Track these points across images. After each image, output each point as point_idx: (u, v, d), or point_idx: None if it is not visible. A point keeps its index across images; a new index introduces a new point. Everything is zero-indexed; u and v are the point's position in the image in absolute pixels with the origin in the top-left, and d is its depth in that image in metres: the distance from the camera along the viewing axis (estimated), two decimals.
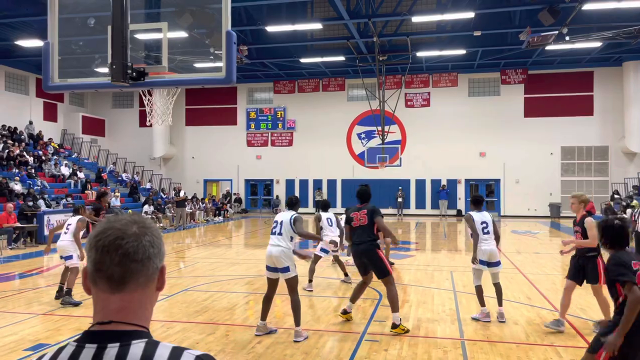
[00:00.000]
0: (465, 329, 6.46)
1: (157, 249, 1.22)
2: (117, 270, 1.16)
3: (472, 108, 27.72)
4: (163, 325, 6.58)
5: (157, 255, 1.22)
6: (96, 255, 1.17)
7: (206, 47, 6.22)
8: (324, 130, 29.31)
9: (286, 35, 22.00)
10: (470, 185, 28.16)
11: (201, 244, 16.57)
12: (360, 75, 24.88)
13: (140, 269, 1.18)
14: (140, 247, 1.18)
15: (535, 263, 12.02)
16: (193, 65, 4.72)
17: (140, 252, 1.18)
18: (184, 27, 6.15)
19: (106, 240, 1.17)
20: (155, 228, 1.25)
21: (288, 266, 5.99)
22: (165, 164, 31.32)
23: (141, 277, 1.18)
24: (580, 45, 20.90)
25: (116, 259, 1.16)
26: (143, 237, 1.19)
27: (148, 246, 1.19)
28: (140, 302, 1.19)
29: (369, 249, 6.29)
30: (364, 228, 6.33)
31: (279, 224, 6.15)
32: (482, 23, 20.13)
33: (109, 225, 1.20)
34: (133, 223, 1.21)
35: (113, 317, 1.15)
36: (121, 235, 1.17)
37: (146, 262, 1.19)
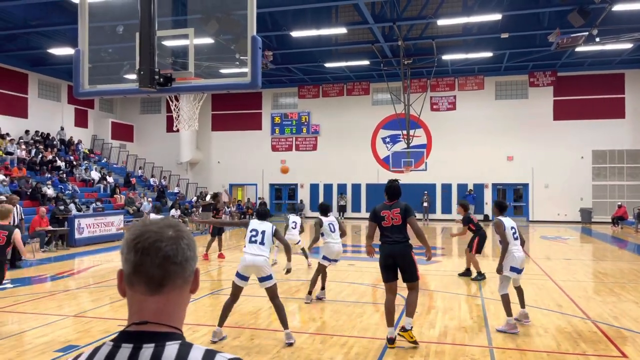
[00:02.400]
0: (494, 337, 6.32)
1: (193, 252, 1.24)
2: (157, 272, 1.17)
3: (499, 111, 27.31)
4: (189, 329, 6.64)
5: (194, 258, 1.24)
6: (135, 257, 1.18)
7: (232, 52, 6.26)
8: (349, 135, 29.28)
9: (311, 40, 22.08)
10: (497, 190, 27.71)
11: (226, 247, 16.69)
12: (385, 79, 24.79)
13: (178, 272, 1.20)
14: (179, 250, 1.20)
15: (566, 269, 11.71)
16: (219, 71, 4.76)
17: (179, 255, 1.20)
18: (210, 34, 6.22)
19: (146, 243, 1.18)
20: (189, 232, 1.26)
21: (270, 274, 6.09)
22: (192, 169, 31.74)
23: (179, 280, 1.20)
24: (611, 46, 20.40)
25: (156, 261, 1.17)
26: (181, 240, 1.21)
27: (186, 249, 1.21)
28: (175, 304, 1.20)
29: (405, 250, 5.88)
30: (398, 227, 5.91)
31: (260, 233, 6.20)
32: (510, 25, 19.83)
33: (146, 228, 1.21)
34: (169, 227, 1.22)
35: (149, 318, 1.17)
36: (160, 238, 1.19)
37: (184, 265, 1.21)
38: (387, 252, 5.94)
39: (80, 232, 16.14)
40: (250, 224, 6.39)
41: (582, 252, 16.03)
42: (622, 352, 5.64)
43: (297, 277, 10.62)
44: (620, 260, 13.67)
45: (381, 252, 6.01)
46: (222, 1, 8.12)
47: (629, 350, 5.73)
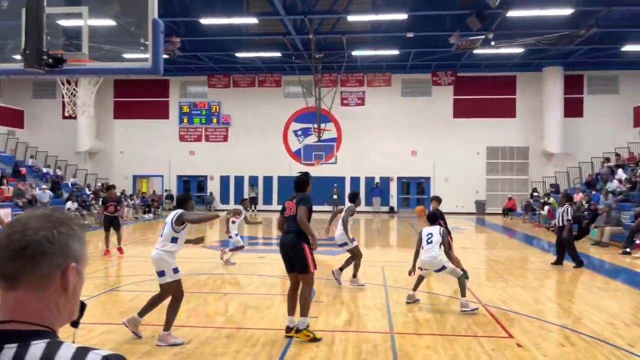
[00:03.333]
0: (395, 322, 6.61)
1: (57, 245, 1.13)
2: (9, 266, 1.10)
3: (405, 108, 28.49)
4: (83, 328, 6.23)
5: (58, 253, 1.13)
6: None
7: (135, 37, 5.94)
8: (260, 127, 29.06)
9: (221, 28, 21.57)
10: (402, 183, 28.95)
11: (129, 242, 15.90)
12: (297, 72, 24.90)
13: (32, 266, 1.10)
14: (32, 242, 1.10)
15: (462, 257, 12.48)
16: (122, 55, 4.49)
17: (31, 247, 1.10)
18: (111, 15, 5.85)
19: (3, 234, 1.12)
20: (69, 223, 1.17)
21: (163, 270, 5.80)
22: (92, 159, 29.84)
23: (34, 275, 1.10)
24: (505, 50, 22.03)
25: (7, 253, 1.10)
26: (41, 231, 1.11)
27: (43, 241, 1.11)
28: (41, 301, 1.11)
29: (294, 240, 5.82)
30: (292, 217, 5.89)
31: (165, 225, 6.02)
32: (415, 25, 20.70)
33: (18, 218, 1.15)
34: (43, 216, 1.15)
35: (12, 316, 1.09)
36: (20, 229, 1.11)
37: (39, 259, 1.11)
38: (280, 242, 6.07)
39: None
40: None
41: (477, 241, 17.24)
42: (509, 333, 6.14)
43: (205, 271, 10.39)
44: (510, 248, 14.89)
45: (280, 240, 6.15)
46: None
47: (515, 331, 6.25)
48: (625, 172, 20.32)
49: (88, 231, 1.34)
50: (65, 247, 1.14)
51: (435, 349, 5.55)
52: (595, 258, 12.98)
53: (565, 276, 10.29)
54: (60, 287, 1.14)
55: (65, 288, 1.15)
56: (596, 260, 12.69)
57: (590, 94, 27.55)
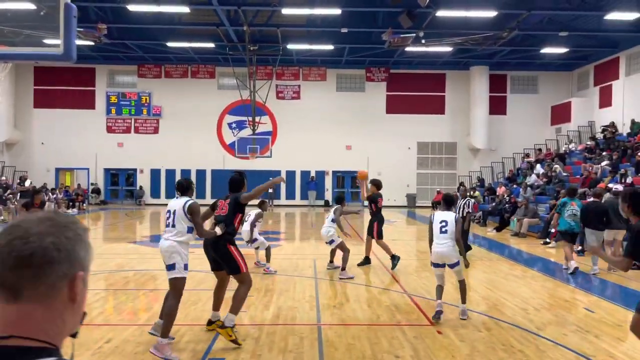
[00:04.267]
0: (323, 314, 6.70)
1: (64, 253, 1.03)
2: (10, 276, 0.99)
3: (340, 103, 28.82)
4: None
5: (65, 261, 1.03)
6: None
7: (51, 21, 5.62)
8: (193, 119, 28.38)
9: (151, 16, 20.82)
10: (337, 177, 29.31)
11: None
12: (231, 63, 24.49)
13: (36, 276, 1.00)
14: (37, 249, 1.00)
15: (391, 249, 12.88)
16: (42, 41, 4.23)
17: (37, 255, 1.00)
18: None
19: (2, 241, 1.01)
20: (74, 228, 1.07)
21: (174, 263, 5.32)
22: (9, 150, 27.91)
23: (40, 286, 1.00)
24: (434, 48, 22.80)
25: (9, 262, 0.99)
26: (47, 237, 1.01)
27: (51, 248, 1.01)
28: (45, 314, 1.02)
29: (219, 242, 5.56)
30: (222, 218, 5.68)
31: (172, 214, 5.47)
32: (349, 21, 20.95)
33: (17, 222, 1.05)
34: (45, 220, 1.05)
35: (12, 330, 0.99)
36: (22, 235, 1.01)
37: (46, 268, 1.01)
38: (204, 242, 5.76)
39: None
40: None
41: (406, 233, 17.80)
42: (430, 321, 6.39)
43: (131, 267, 10.04)
44: None
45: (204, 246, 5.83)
46: None
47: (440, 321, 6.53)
48: (542, 167, 21.69)
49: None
50: (72, 254, 1.05)
51: (360, 338, 5.68)
52: (514, 248, 13.77)
53: (486, 266, 10.84)
54: (68, 298, 1.05)
55: (73, 299, 1.06)
56: (515, 250, 13.47)
57: (513, 92, 29.11)
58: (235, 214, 5.69)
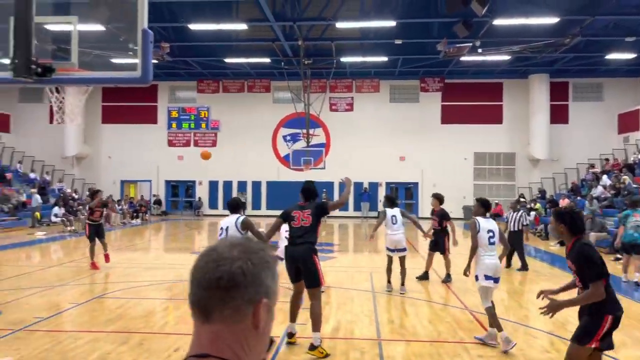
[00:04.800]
0: (382, 329, 6.65)
1: (250, 278, 1.06)
2: (203, 297, 1.06)
3: (393, 114, 28.68)
4: (69, 337, 6.20)
5: (251, 286, 1.06)
6: (190, 276, 1.09)
7: (124, 42, 5.94)
8: (249, 132, 29.06)
9: (210, 34, 21.58)
10: (390, 189, 29.09)
11: (117, 248, 15.79)
12: (286, 77, 24.95)
13: (224, 299, 1.05)
14: (226, 273, 1.05)
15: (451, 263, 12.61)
16: (110, 60, 4.50)
17: (224, 279, 1.05)
18: (99, 20, 5.85)
19: (199, 263, 1.09)
20: (262, 254, 1.10)
21: None
22: (79, 164, 29.59)
23: (226, 309, 1.05)
24: (491, 57, 22.30)
25: (203, 283, 1.06)
26: (235, 262, 1.06)
27: (238, 273, 1.06)
28: (231, 337, 1.05)
29: (307, 253, 5.61)
30: (306, 229, 5.70)
31: (225, 230, 5.75)
32: (403, 32, 20.89)
33: (214, 246, 1.11)
34: (237, 245, 1.10)
35: (208, 350, 1.05)
36: (215, 258, 1.07)
37: (232, 292, 1.05)
38: (289, 253, 5.79)
39: None
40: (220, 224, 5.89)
41: (464, 247, 17.34)
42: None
43: None
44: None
45: (285, 253, 5.88)
46: None
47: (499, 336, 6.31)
48: (609, 179, 20.63)
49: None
50: (258, 280, 1.07)
51: (422, 356, 5.61)
52: None
53: (549, 281, 10.41)
54: (252, 323, 1.07)
55: (256, 325, 1.07)
56: None
57: (576, 100, 27.94)
58: (318, 223, 5.82)
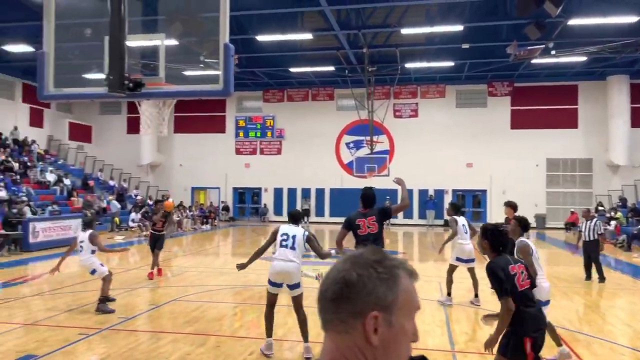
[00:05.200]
0: (456, 340, 6.50)
1: (355, 290, 1.02)
2: (319, 308, 1.08)
3: (460, 119, 28.02)
4: (152, 337, 6.52)
5: (356, 298, 1.02)
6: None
7: (196, 55, 6.19)
8: (313, 139, 29.40)
9: (276, 44, 22.08)
10: (457, 196, 28.39)
11: (189, 252, 16.45)
12: (350, 85, 25.06)
13: (333, 310, 1.04)
14: (330, 285, 1.05)
15: None
16: (185, 73, 4.71)
17: (329, 291, 1.04)
18: (174, 35, 6.15)
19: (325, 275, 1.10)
20: (374, 265, 1.05)
21: (299, 282, 5.84)
22: (153, 171, 31.11)
23: (335, 320, 1.03)
24: (566, 59, 21.30)
25: (318, 295, 1.09)
26: (340, 273, 1.04)
27: (341, 285, 1.03)
28: (347, 348, 1.02)
29: None
30: (374, 236, 5.73)
31: (291, 237, 5.86)
32: (470, 36, 20.41)
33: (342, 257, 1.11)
34: (350, 257, 1.08)
35: (326, 356, 1.06)
36: (331, 270, 1.08)
37: (336, 303, 1.03)
38: None
39: (35, 237, 15.55)
40: (280, 228, 6.01)
41: None
42: (577, 355, 5.90)
43: (262, 282, 10.58)
44: (573, 264, 14.24)
45: None
46: (190, 3, 8.05)
47: (583, 353, 6.00)
48: None
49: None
50: (364, 292, 1.02)
51: None
52: None
53: (633, 295, 9.76)
54: (364, 337, 1.02)
55: (368, 340, 1.01)
56: None
57: None
58: (382, 229, 5.91)
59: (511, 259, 4.17)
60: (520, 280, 4.05)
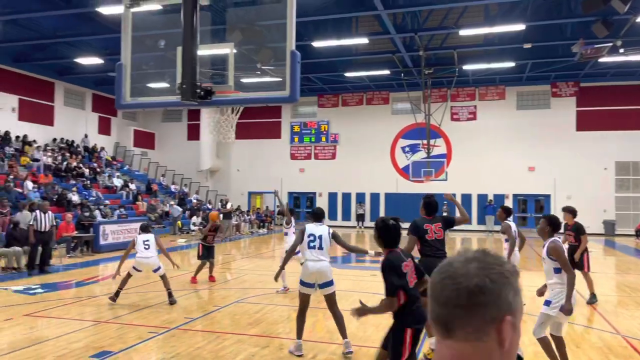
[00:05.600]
0: (525, 351, 6.27)
1: (490, 296, 1.01)
2: (442, 313, 1.04)
3: (521, 121, 27.11)
4: (218, 337, 6.71)
5: (492, 304, 1.01)
6: (429, 292, 1.07)
7: (253, 62, 6.34)
8: (368, 144, 29.32)
9: (331, 50, 22.21)
10: (518, 201, 27.44)
11: (246, 255, 16.81)
12: (405, 88, 24.82)
13: (464, 316, 1.01)
14: (463, 291, 1.02)
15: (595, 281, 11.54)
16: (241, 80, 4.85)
17: (463, 297, 1.01)
18: (250, 46, 6.33)
19: (435, 279, 1.07)
20: (501, 270, 1.05)
21: (332, 280, 6.04)
22: (212, 177, 32.04)
23: (467, 326, 1.01)
24: (636, 57, 20.14)
25: (440, 299, 1.04)
26: (473, 278, 1.02)
27: (476, 291, 1.01)
28: (477, 355, 1.01)
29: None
30: (440, 241, 5.91)
31: (317, 238, 6.05)
32: (532, 35, 19.74)
33: (449, 261, 1.09)
34: (473, 261, 1.05)
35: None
36: (452, 275, 1.04)
37: (473, 310, 1.01)
38: (431, 265, 5.84)
39: (105, 238, 16.40)
40: (306, 229, 6.16)
41: (606, 265, 15.77)
42: None
43: None
44: None
45: (425, 265, 5.95)
46: (253, 13, 8.26)
47: None
48: None
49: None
50: (499, 297, 1.02)
51: None
52: None
53: None
54: (496, 342, 1.02)
55: (502, 344, 1.02)
56: None
57: None
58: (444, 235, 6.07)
59: (403, 254, 4.18)
60: (411, 277, 4.11)
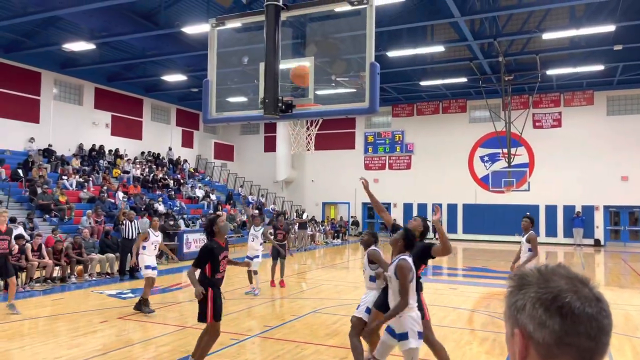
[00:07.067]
0: None
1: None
2: (589, 346, 0.96)
3: (612, 128, 25.34)
4: (297, 346, 6.77)
5: (510, 317, 1.04)
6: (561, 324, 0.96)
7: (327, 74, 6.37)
8: (444, 153, 28.63)
9: (406, 59, 22.00)
10: (609, 213, 25.58)
11: (321, 265, 16.92)
12: (484, 95, 24.03)
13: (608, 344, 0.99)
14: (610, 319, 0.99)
15: None
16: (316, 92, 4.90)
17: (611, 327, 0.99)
18: (328, 58, 6.42)
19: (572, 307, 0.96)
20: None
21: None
22: (287, 187, 32.67)
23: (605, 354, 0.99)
24: None
25: (592, 332, 0.96)
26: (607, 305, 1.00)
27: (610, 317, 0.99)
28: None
29: None
30: None
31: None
32: (624, 36, 18.44)
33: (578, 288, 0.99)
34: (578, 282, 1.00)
35: None
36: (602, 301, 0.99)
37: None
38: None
39: (188, 247, 17.17)
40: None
41: None
42: None
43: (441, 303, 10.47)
44: None
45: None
46: (330, 27, 8.38)
47: None
48: None
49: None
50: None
51: None
52: None
53: None
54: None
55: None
56: None
57: None
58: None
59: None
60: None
